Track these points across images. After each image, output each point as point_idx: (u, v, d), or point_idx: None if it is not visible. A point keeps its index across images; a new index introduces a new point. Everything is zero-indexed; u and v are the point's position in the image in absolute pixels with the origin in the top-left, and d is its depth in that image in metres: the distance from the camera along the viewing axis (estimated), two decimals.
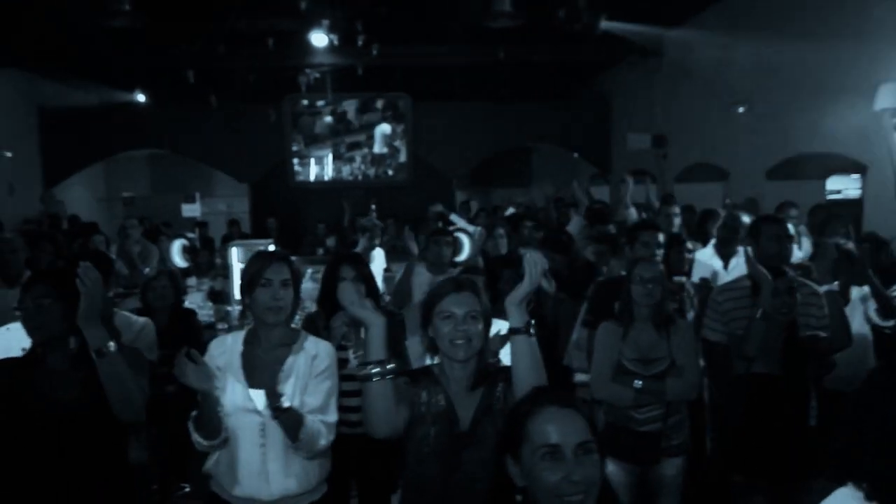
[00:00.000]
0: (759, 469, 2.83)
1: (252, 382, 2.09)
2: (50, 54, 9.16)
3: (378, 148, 11.55)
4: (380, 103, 11.26)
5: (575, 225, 4.36)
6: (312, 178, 11.49)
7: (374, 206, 9.59)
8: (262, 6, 7.97)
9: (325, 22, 7.50)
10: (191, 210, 11.55)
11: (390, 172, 11.56)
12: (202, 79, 9.76)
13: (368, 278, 2.87)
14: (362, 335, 1.99)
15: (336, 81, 9.93)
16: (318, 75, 9.43)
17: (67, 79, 11.05)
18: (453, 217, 8.56)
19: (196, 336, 3.73)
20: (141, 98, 11.36)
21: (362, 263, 2.91)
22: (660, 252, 3.37)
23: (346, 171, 11.66)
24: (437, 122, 11.18)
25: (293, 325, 2.28)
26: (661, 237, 3.30)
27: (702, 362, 3.13)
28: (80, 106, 11.71)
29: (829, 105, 5.92)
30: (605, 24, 8.51)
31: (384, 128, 11.46)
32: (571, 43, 9.60)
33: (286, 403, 1.98)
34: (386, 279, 5.76)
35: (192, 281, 6.22)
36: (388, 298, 4.17)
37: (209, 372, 1.92)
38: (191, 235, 6.70)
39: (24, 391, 1.90)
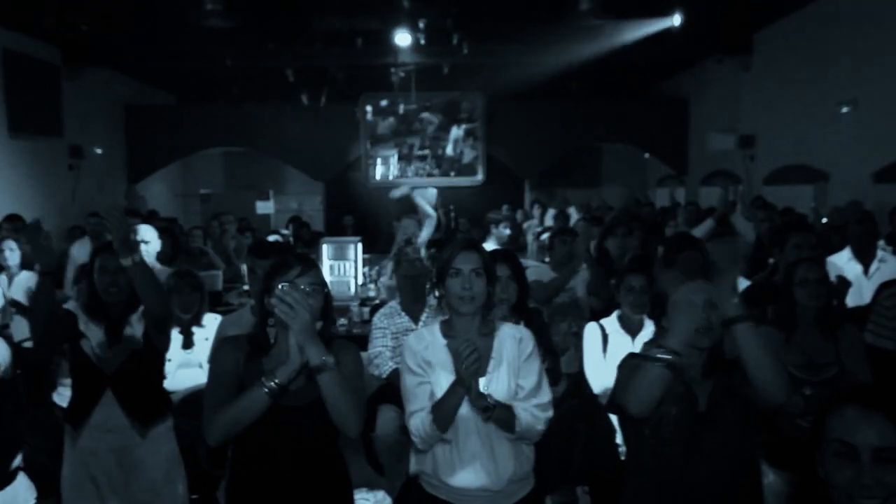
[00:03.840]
0: None
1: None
2: (138, 54, 9.47)
3: (450, 150, 11.54)
4: (444, 105, 11.20)
5: (703, 229, 4.25)
6: (378, 177, 11.56)
7: (452, 206, 9.61)
8: (349, 5, 8.07)
9: (413, 21, 7.51)
10: (265, 207, 11.81)
11: (456, 174, 11.50)
12: (282, 77, 9.94)
13: (520, 274, 2.85)
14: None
15: (418, 81, 9.97)
16: (402, 74, 9.47)
17: (151, 78, 11.44)
18: (535, 215, 8.53)
19: None
20: (219, 97, 11.63)
21: (516, 260, 2.90)
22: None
23: (410, 171, 11.68)
24: (511, 121, 11.13)
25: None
26: (813, 239, 3.17)
27: None
28: (163, 105, 12.11)
29: None
30: (688, 22, 8.36)
31: (457, 132, 11.44)
32: (652, 41, 9.45)
33: (490, 402, 1.96)
34: None
35: None
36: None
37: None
38: (284, 231, 6.83)
39: (253, 375, 1.90)
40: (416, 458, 2.18)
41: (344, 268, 6.38)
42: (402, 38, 8.47)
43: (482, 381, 2.01)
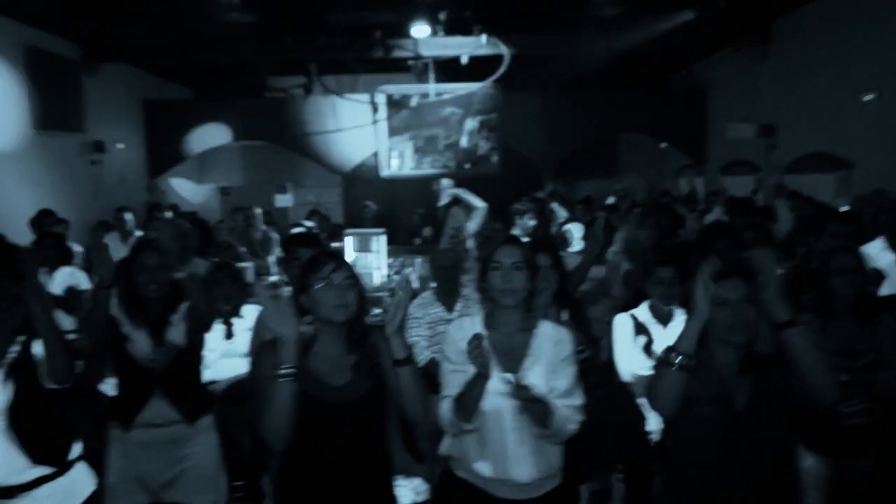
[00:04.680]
0: None
1: (503, 367, 2.11)
2: (156, 49, 9.54)
3: (465, 142, 11.54)
4: (458, 97, 11.17)
5: (714, 216, 4.26)
6: (395, 169, 11.57)
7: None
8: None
9: (432, 13, 7.53)
10: (283, 200, 11.84)
11: (471, 165, 11.48)
12: (300, 70, 10.00)
13: (561, 263, 2.89)
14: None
15: (435, 72, 9.98)
16: (420, 66, 9.49)
17: (167, 73, 11.51)
18: (554, 206, 8.54)
19: None
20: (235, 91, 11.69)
21: (555, 250, 2.93)
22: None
23: (426, 162, 11.68)
24: (527, 112, 11.11)
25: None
26: (849, 227, 3.19)
27: None
28: (180, 99, 12.18)
29: None
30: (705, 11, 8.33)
31: (470, 124, 11.43)
32: (669, 31, 9.41)
33: (533, 394, 2.00)
34: None
35: None
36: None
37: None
38: (308, 224, 6.88)
39: (301, 375, 1.92)
40: (448, 442, 2.23)
41: (368, 259, 6.45)
42: (420, 30, 8.49)
43: (511, 377, 2.05)
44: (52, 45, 8.39)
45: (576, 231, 6.10)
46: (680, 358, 1.85)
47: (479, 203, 5.25)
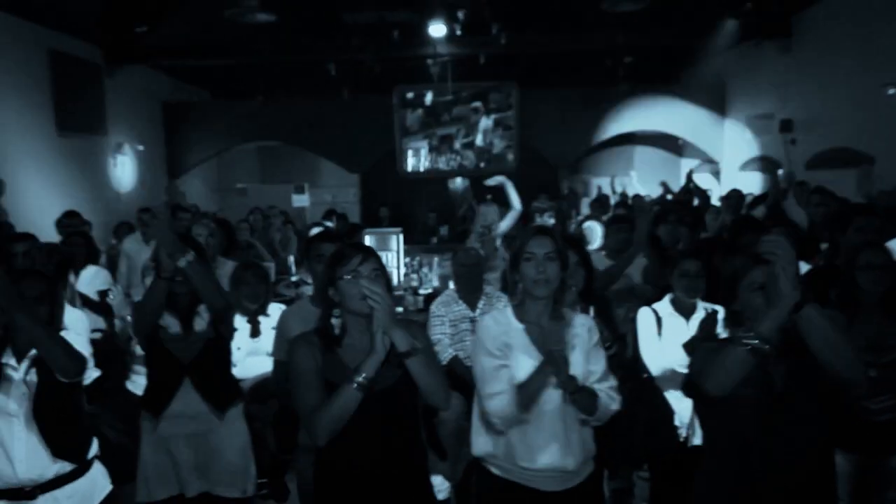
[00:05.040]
0: None
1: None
2: (175, 51, 9.64)
3: (480, 141, 11.53)
4: (473, 95, 11.14)
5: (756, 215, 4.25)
6: (410, 168, 11.58)
7: (489, 196, 9.57)
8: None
9: (450, 12, 7.53)
10: (300, 200, 11.91)
11: (486, 164, 11.45)
12: (316, 71, 10.03)
13: (588, 261, 2.89)
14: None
15: (453, 71, 9.99)
16: (437, 65, 9.51)
17: (185, 75, 11.62)
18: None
19: None
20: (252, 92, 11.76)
21: (583, 246, 2.94)
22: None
23: (441, 161, 11.68)
24: (544, 110, 11.07)
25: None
26: (876, 222, 3.16)
27: None
28: (198, 101, 12.29)
29: None
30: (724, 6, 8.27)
31: (486, 122, 11.41)
32: (687, 26, 9.36)
33: (580, 383, 2.04)
34: None
35: None
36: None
37: None
38: (328, 224, 6.93)
39: (334, 369, 1.95)
40: (484, 441, 2.22)
41: (386, 258, 6.50)
42: (437, 28, 8.50)
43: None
44: (74, 48, 8.50)
45: (596, 229, 6.10)
46: (758, 342, 1.83)
47: (517, 203, 5.24)
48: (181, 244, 2.45)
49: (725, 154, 11.03)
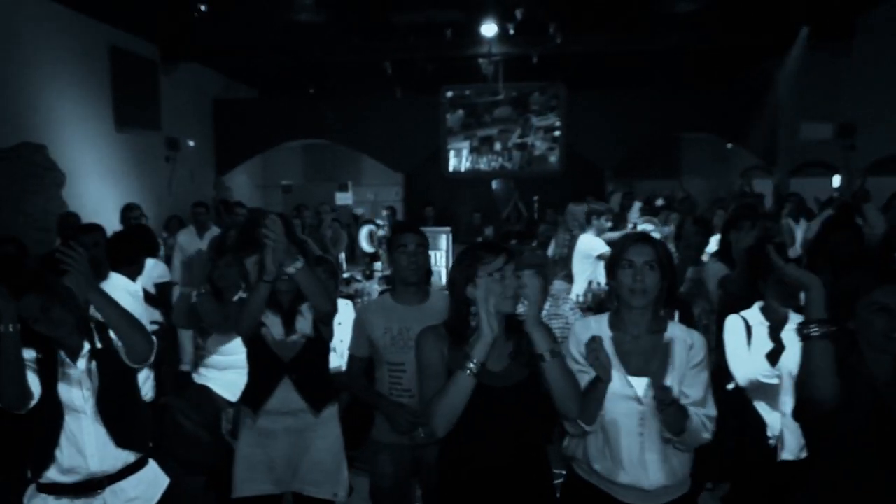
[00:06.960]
0: None
1: (628, 369, 2.05)
2: (228, 49, 9.78)
3: (522, 142, 11.44)
4: (516, 97, 11.07)
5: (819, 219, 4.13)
6: (451, 168, 11.56)
7: (536, 198, 9.56)
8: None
9: (505, 11, 7.50)
10: (344, 198, 12.01)
11: (528, 165, 11.36)
12: (365, 70, 10.09)
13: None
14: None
15: (502, 72, 9.96)
16: (490, 65, 9.49)
17: (235, 73, 11.80)
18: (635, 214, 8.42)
19: None
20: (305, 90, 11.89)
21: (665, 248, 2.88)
22: None
23: (483, 162, 11.63)
24: (589, 111, 10.96)
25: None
26: None
27: None
28: (248, 99, 12.48)
29: None
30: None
31: (531, 123, 11.33)
32: (742, 27, 9.16)
33: (674, 396, 1.95)
34: None
35: (378, 266, 6.47)
36: None
37: None
38: (380, 222, 6.96)
39: (460, 363, 1.93)
40: (571, 443, 2.20)
41: (435, 258, 6.49)
42: (489, 28, 8.47)
43: (644, 381, 2.00)
44: (132, 45, 8.69)
45: (650, 229, 6.02)
46: (814, 326, 1.78)
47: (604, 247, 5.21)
48: (291, 252, 2.44)
49: (779, 157, 10.77)
